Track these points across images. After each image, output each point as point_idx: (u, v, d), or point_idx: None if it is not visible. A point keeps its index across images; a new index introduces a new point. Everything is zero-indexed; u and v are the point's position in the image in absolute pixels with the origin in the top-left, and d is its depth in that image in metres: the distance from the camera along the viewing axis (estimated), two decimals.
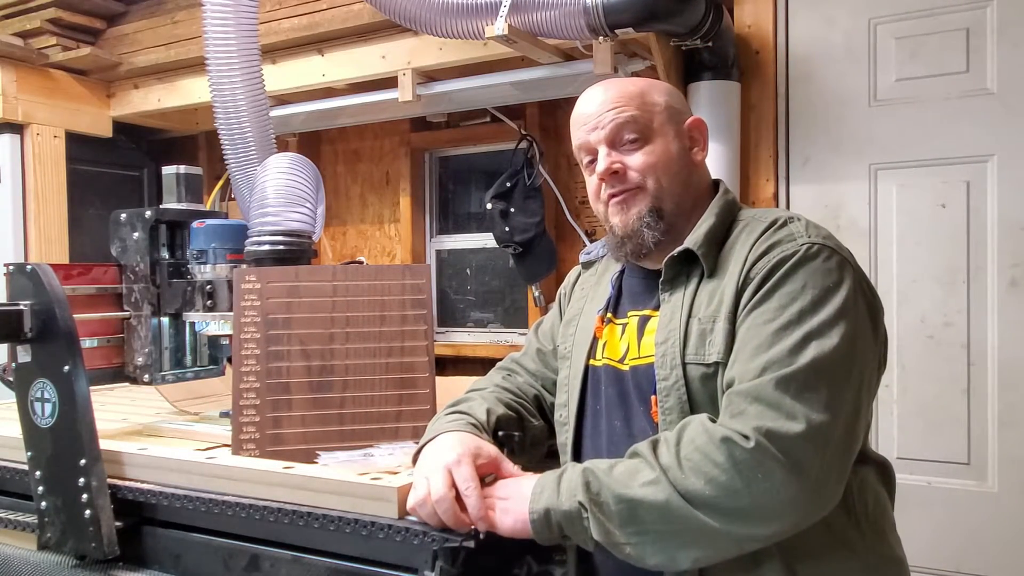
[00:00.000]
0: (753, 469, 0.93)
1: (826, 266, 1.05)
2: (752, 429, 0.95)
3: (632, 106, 1.18)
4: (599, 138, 1.19)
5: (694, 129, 1.24)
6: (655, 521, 0.96)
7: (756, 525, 0.95)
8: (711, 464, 0.95)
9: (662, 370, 1.10)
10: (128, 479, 1.33)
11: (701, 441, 0.97)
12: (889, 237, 2.35)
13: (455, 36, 2.28)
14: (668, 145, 1.19)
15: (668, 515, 0.95)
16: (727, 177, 2.33)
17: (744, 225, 1.16)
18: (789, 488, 0.93)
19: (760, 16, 2.49)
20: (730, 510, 0.94)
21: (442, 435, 1.15)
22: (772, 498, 0.93)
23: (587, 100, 1.23)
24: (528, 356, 1.41)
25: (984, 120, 2.23)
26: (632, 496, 0.97)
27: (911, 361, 2.29)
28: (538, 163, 2.80)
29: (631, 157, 1.18)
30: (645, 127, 1.18)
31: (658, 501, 0.96)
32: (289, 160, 1.76)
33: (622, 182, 1.18)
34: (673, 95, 1.25)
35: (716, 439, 0.96)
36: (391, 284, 1.48)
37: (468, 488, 1.04)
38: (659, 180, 1.17)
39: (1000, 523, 2.20)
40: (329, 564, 1.14)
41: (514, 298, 3.11)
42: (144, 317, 2.24)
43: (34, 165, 3.06)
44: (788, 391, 0.96)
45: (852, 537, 1.07)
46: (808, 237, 1.08)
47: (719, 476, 0.94)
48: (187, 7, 3.00)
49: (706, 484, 0.94)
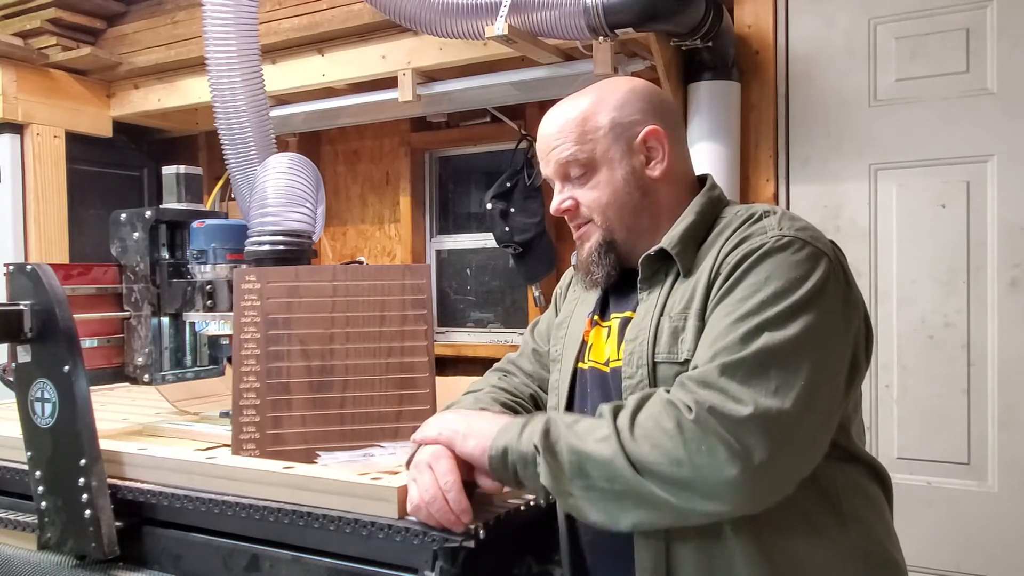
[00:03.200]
0: (697, 442, 0.94)
1: (794, 258, 1.03)
2: (695, 403, 0.95)
3: (570, 141, 1.17)
4: (549, 174, 1.23)
5: (650, 139, 1.17)
6: (600, 478, 0.98)
7: (696, 500, 0.95)
8: (660, 431, 0.96)
9: (628, 368, 1.11)
10: (128, 479, 1.33)
11: (655, 409, 0.98)
12: (889, 237, 2.35)
13: (455, 36, 2.28)
14: (613, 174, 1.17)
15: (612, 474, 0.97)
16: (727, 177, 2.33)
17: (725, 222, 1.15)
18: (730, 469, 0.92)
19: (760, 16, 2.49)
20: (672, 479, 0.94)
21: None
22: (713, 475, 0.93)
23: (542, 128, 1.23)
24: (524, 357, 1.41)
25: (984, 120, 2.23)
26: (583, 449, 0.99)
27: (911, 361, 2.29)
28: (538, 163, 2.80)
29: (580, 191, 1.19)
30: (588, 161, 1.17)
31: (604, 458, 0.97)
32: (289, 160, 1.76)
33: (575, 217, 1.21)
34: (628, 105, 1.18)
35: (667, 406, 0.97)
36: (391, 284, 1.48)
37: (447, 483, 1.05)
38: (606, 213, 1.18)
39: (1000, 523, 2.20)
40: (329, 564, 1.14)
41: (514, 298, 3.11)
42: (144, 317, 2.24)
43: (34, 165, 3.06)
44: (734, 377, 0.96)
45: (836, 535, 1.06)
46: (779, 229, 1.07)
47: (665, 443, 0.95)
48: (187, 7, 3.00)
49: (652, 449, 0.95)
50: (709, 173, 1.26)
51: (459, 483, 1.05)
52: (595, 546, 1.17)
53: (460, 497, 1.04)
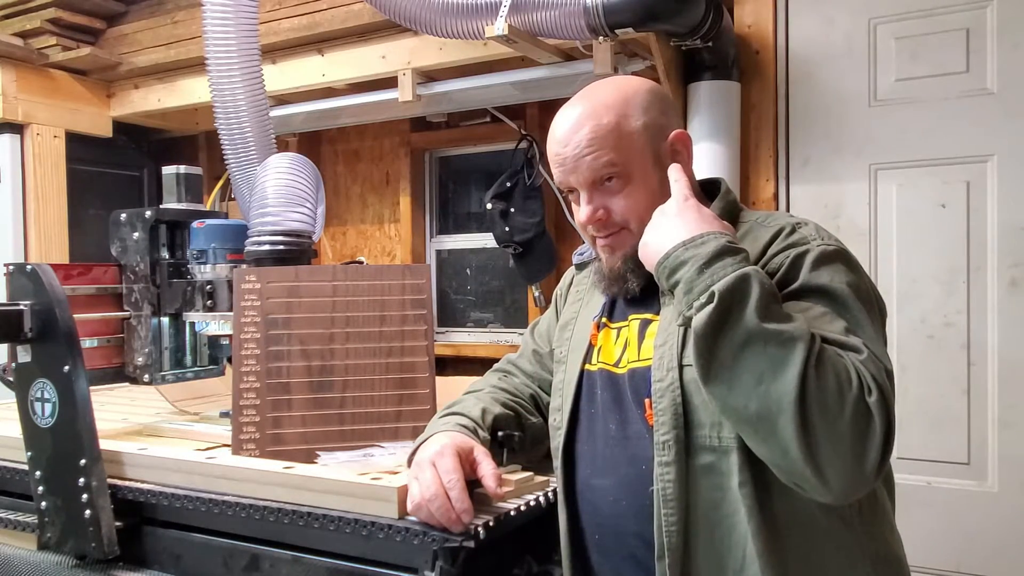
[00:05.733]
0: (864, 425, 0.94)
1: (844, 267, 1.06)
2: (875, 384, 0.95)
3: (608, 147, 1.12)
4: (578, 181, 1.15)
5: (677, 143, 1.17)
6: (756, 371, 0.94)
7: (808, 468, 0.94)
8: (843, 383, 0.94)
9: (658, 371, 1.10)
10: (128, 479, 1.33)
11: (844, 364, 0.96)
12: (889, 237, 2.34)
13: (455, 36, 2.28)
14: (648, 180, 1.14)
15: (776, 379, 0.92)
16: (727, 177, 2.33)
17: (747, 229, 1.15)
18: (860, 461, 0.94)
19: (760, 16, 2.49)
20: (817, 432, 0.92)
21: (432, 436, 1.15)
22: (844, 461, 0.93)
23: (561, 132, 1.15)
24: (524, 357, 1.41)
25: (984, 120, 2.23)
26: (771, 329, 0.93)
27: (911, 361, 2.29)
28: (538, 163, 2.80)
29: (613, 200, 1.15)
30: (624, 167, 1.13)
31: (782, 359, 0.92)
32: (289, 160, 1.76)
33: (607, 227, 1.16)
34: (653, 107, 1.16)
35: (852, 371, 0.95)
36: (391, 284, 1.48)
37: (451, 480, 1.04)
38: (643, 221, 1.12)
39: (1000, 523, 2.20)
40: (329, 564, 1.14)
41: (514, 298, 3.11)
42: (144, 317, 2.24)
43: (34, 165, 3.06)
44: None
45: (845, 537, 1.06)
46: (822, 240, 1.09)
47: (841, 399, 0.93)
48: (187, 7, 3.00)
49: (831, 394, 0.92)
50: (722, 178, 1.25)
51: (462, 481, 1.05)
52: (602, 547, 1.17)
53: (462, 496, 1.04)
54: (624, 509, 1.13)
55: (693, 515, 1.05)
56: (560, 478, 1.22)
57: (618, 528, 1.14)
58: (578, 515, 1.19)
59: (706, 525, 1.05)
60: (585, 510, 1.18)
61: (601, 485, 1.16)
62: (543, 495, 1.21)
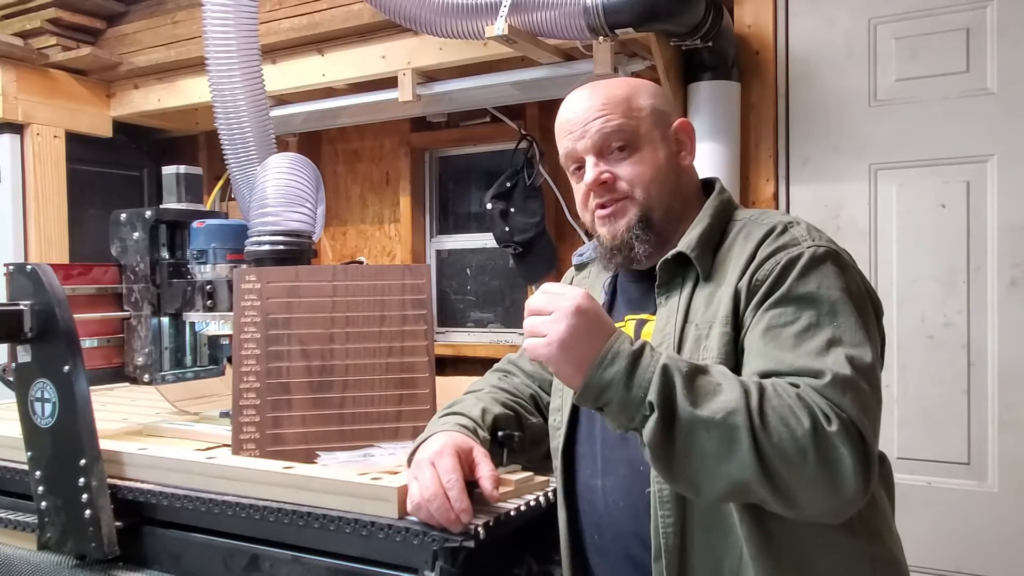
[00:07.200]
0: (826, 450, 0.92)
1: (835, 269, 1.05)
2: (834, 414, 0.93)
3: (618, 113, 1.15)
4: (586, 147, 1.16)
5: (681, 132, 1.20)
6: (712, 449, 0.93)
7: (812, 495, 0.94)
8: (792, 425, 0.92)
9: None
10: (128, 479, 1.33)
11: (787, 401, 0.94)
12: (889, 237, 2.34)
13: (455, 36, 2.28)
14: (656, 152, 1.17)
15: (730, 448, 0.92)
16: (727, 177, 2.33)
17: (741, 227, 1.15)
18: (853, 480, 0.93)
19: (760, 16, 2.49)
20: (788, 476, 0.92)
21: (432, 436, 1.15)
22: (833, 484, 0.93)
23: (572, 106, 1.19)
24: (524, 357, 1.41)
25: (984, 120, 2.23)
26: (702, 417, 0.92)
27: (911, 361, 2.29)
28: (538, 163, 2.80)
29: (620, 167, 1.16)
30: (632, 135, 1.16)
31: (727, 429, 0.92)
32: (289, 160, 1.77)
33: (611, 192, 1.16)
34: (659, 97, 1.21)
35: (798, 402, 0.94)
36: (391, 284, 1.48)
37: (450, 480, 1.04)
38: (648, 190, 1.15)
39: (1000, 523, 2.20)
40: (329, 564, 1.14)
41: (514, 298, 3.11)
42: (144, 317, 2.24)
43: (34, 165, 3.06)
44: (845, 394, 0.95)
45: (844, 541, 1.06)
46: (812, 241, 1.08)
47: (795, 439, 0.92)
48: (187, 7, 3.00)
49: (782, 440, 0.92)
50: (717, 177, 1.26)
51: (461, 481, 1.05)
52: (600, 547, 1.17)
53: (462, 496, 1.04)
54: (622, 510, 1.13)
55: (689, 517, 1.05)
56: (560, 478, 1.22)
57: (616, 529, 1.14)
58: (578, 515, 1.19)
59: (702, 527, 1.05)
60: (584, 510, 1.19)
61: (600, 486, 1.16)
62: (543, 495, 1.21)
